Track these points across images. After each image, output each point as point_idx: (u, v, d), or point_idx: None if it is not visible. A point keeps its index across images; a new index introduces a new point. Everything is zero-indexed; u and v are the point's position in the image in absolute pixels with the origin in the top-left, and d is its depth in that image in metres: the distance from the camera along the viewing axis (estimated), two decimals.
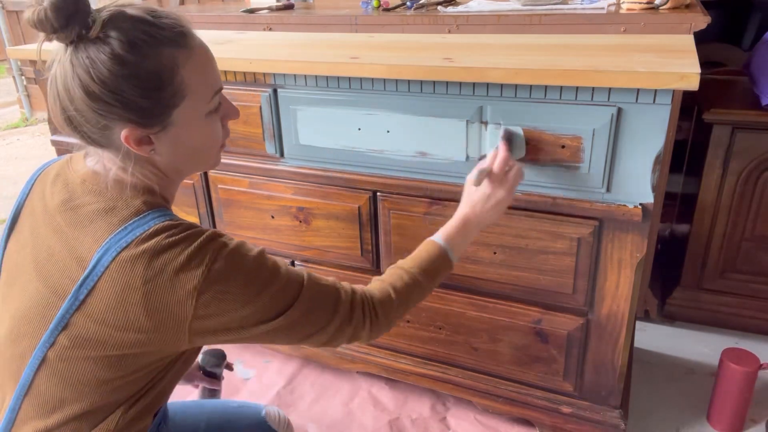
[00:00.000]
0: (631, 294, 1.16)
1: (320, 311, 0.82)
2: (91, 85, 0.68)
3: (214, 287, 0.72)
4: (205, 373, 1.22)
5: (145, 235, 0.71)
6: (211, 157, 0.83)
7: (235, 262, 0.74)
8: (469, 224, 1.00)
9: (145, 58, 0.69)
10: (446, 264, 0.96)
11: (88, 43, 0.68)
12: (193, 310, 0.71)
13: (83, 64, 0.67)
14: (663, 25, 1.29)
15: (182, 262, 0.71)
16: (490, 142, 1.14)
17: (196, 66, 0.74)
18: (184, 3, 2.61)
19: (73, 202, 0.76)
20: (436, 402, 1.55)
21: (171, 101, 0.72)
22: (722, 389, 1.40)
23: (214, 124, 0.79)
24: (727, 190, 1.59)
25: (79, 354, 0.73)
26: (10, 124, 4.30)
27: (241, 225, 1.50)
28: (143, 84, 0.70)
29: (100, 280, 0.70)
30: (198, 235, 0.74)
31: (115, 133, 0.72)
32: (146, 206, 0.75)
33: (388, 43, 1.38)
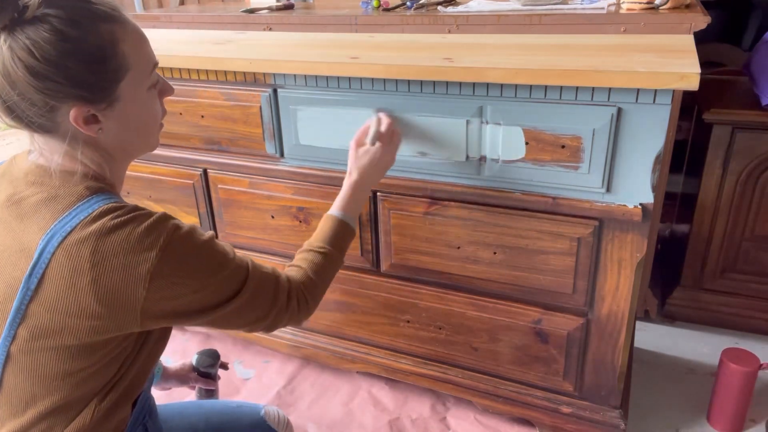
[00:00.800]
0: (631, 294, 1.16)
1: (263, 298, 0.85)
2: (36, 65, 0.67)
3: (167, 270, 0.72)
4: (200, 374, 1.22)
5: (89, 218, 0.71)
6: (153, 134, 0.84)
7: (189, 245, 0.75)
8: (360, 189, 1.07)
9: (87, 32, 0.69)
10: (350, 232, 1.03)
11: (25, 25, 0.67)
12: (145, 293, 0.71)
13: (23, 45, 0.66)
14: (663, 25, 1.28)
15: (132, 244, 0.70)
16: (490, 141, 1.14)
17: (134, 40, 0.75)
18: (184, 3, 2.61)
19: (17, 196, 0.75)
20: (436, 402, 1.55)
21: (115, 75, 0.73)
22: (722, 389, 1.40)
23: (154, 99, 0.81)
24: (727, 190, 1.59)
25: (40, 345, 0.72)
26: None
27: (241, 225, 1.50)
28: (88, 58, 0.70)
29: (48, 268, 0.70)
30: (147, 216, 0.73)
31: (61, 114, 0.71)
32: (89, 191, 0.74)
33: (388, 43, 1.38)
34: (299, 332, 1.60)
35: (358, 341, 1.53)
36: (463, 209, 1.22)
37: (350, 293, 1.45)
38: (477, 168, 1.17)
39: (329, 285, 0.99)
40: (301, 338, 1.59)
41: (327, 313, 1.52)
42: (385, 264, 1.37)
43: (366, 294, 1.43)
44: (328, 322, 1.53)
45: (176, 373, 1.22)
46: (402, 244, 1.32)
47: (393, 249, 1.34)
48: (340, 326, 1.52)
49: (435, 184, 1.23)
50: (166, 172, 1.53)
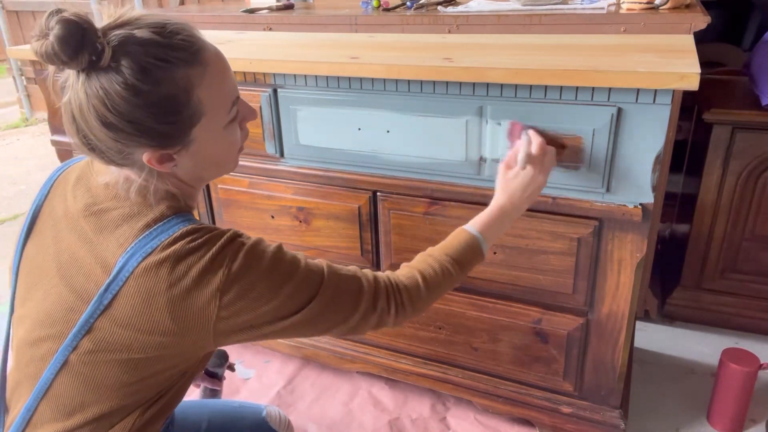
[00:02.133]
0: (631, 294, 1.16)
1: (343, 302, 0.81)
2: (108, 116, 0.67)
3: (235, 286, 0.72)
4: (207, 373, 1.23)
5: (169, 240, 0.72)
6: (230, 161, 0.83)
7: (253, 259, 0.75)
8: (506, 214, 0.97)
9: (160, 83, 0.67)
10: (477, 254, 0.93)
11: (100, 72, 0.66)
12: (216, 311, 0.72)
13: (97, 94, 0.66)
14: (663, 25, 1.29)
15: (204, 265, 0.71)
16: (490, 141, 1.14)
17: (212, 82, 0.72)
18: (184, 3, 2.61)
19: (96, 207, 0.76)
20: (436, 402, 1.55)
21: (189, 122, 0.72)
22: (722, 389, 1.40)
23: (233, 132, 0.79)
24: (727, 190, 1.59)
25: (103, 357, 0.73)
26: (10, 124, 4.30)
27: (241, 225, 1.50)
28: (160, 111, 0.68)
29: (125, 285, 0.71)
30: (219, 237, 0.74)
31: (135, 155, 0.72)
32: (170, 211, 0.76)
33: (388, 43, 1.38)
34: None
35: (358, 341, 1.53)
36: (463, 209, 1.22)
37: None
38: (477, 168, 1.17)
39: (437, 298, 0.92)
40: (302, 338, 1.59)
41: None
42: (385, 264, 1.37)
43: None
44: None
45: None
46: (402, 244, 1.32)
47: (393, 249, 1.34)
48: None
49: (435, 184, 1.23)
50: None
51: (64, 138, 1.62)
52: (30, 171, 3.38)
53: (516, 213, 0.99)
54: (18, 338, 0.80)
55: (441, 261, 0.90)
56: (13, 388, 0.81)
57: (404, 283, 0.87)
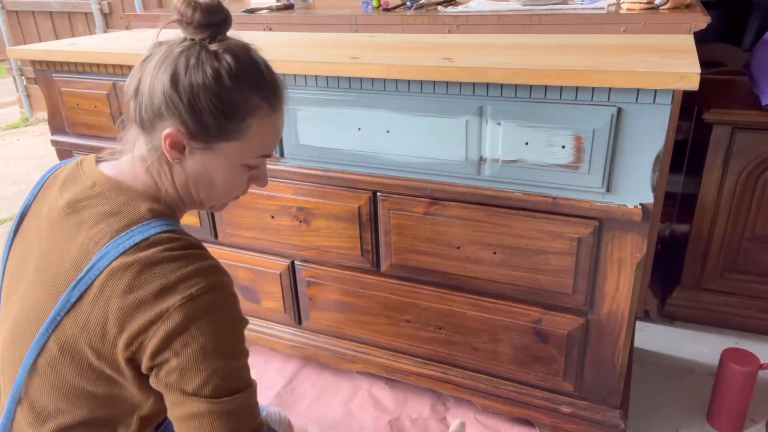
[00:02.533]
0: (631, 294, 1.16)
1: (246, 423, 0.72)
2: (181, 79, 0.71)
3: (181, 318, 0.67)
4: None
5: (144, 244, 0.70)
6: (219, 199, 0.83)
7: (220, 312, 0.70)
8: None
9: (237, 90, 0.73)
10: None
11: (204, 50, 0.72)
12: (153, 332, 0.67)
13: (187, 61, 0.71)
14: (663, 25, 1.29)
15: (172, 281, 0.68)
16: (490, 141, 1.14)
17: (267, 126, 0.77)
18: None
19: (78, 204, 0.75)
20: (436, 402, 1.55)
21: (227, 134, 0.74)
22: (722, 389, 1.40)
23: (242, 175, 0.81)
24: (727, 190, 1.59)
25: (66, 362, 0.71)
26: (10, 124, 4.30)
27: (241, 225, 1.50)
28: (219, 107, 0.72)
29: (92, 284, 0.69)
30: (199, 258, 0.71)
31: (162, 124, 0.73)
32: (151, 213, 0.74)
33: (388, 43, 1.38)
34: (299, 332, 1.60)
35: (358, 341, 1.53)
36: (463, 209, 1.22)
37: (350, 293, 1.45)
38: (477, 168, 1.17)
39: None
40: (301, 338, 1.59)
41: (327, 313, 1.52)
42: (385, 264, 1.37)
43: (366, 294, 1.43)
44: (328, 322, 1.53)
45: None
46: (402, 244, 1.32)
47: (393, 249, 1.34)
48: (340, 326, 1.52)
49: (435, 184, 1.23)
50: None
51: (64, 138, 1.62)
52: (30, 171, 3.38)
53: None
54: (2, 339, 0.79)
55: None
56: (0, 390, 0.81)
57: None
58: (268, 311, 1.59)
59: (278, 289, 1.54)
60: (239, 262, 1.55)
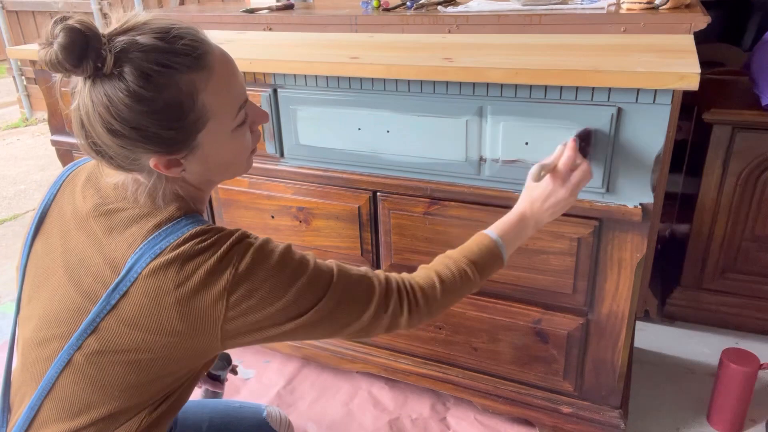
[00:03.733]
0: (631, 294, 1.16)
1: (353, 302, 0.80)
2: (113, 123, 0.67)
3: (243, 286, 0.72)
4: (210, 376, 1.22)
5: (178, 242, 0.72)
6: (241, 164, 0.82)
7: (261, 259, 0.74)
8: (526, 221, 0.95)
9: (163, 89, 0.67)
10: (497, 260, 0.91)
11: (104, 79, 0.66)
12: (224, 311, 0.72)
13: (102, 101, 0.66)
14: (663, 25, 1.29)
15: (212, 265, 0.71)
16: (490, 141, 1.14)
17: (218, 86, 0.72)
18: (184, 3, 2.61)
19: (106, 207, 0.76)
20: (436, 402, 1.55)
21: (194, 127, 0.71)
22: (722, 389, 1.40)
23: (242, 136, 0.78)
24: (727, 190, 1.59)
25: (110, 358, 0.73)
26: (10, 124, 4.30)
27: (241, 225, 1.50)
28: (164, 117, 0.68)
29: (133, 285, 0.71)
30: (227, 237, 0.74)
31: (142, 160, 0.72)
32: (179, 212, 0.76)
33: (388, 43, 1.38)
34: None
35: (358, 341, 1.53)
36: (463, 209, 1.22)
37: None
38: (477, 168, 1.17)
39: (454, 302, 0.89)
40: None
41: None
42: (385, 264, 1.37)
43: None
44: None
45: None
46: (402, 244, 1.32)
47: (393, 249, 1.34)
48: None
49: (435, 184, 1.23)
50: None
51: (64, 138, 1.62)
52: (30, 171, 3.38)
53: (536, 223, 0.96)
54: (24, 338, 0.80)
55: (459, 263, 0.88)
56: (18, 388, 0.81)
57: (419, 283, 0.85)
58: None
59: None
60: None
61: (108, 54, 0.65)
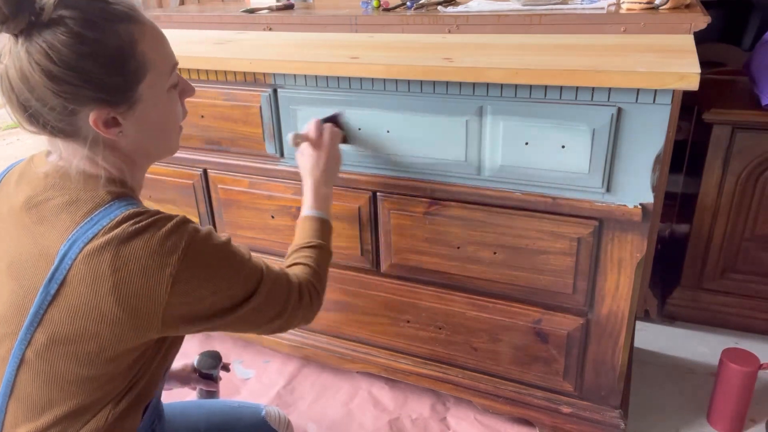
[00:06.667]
0: (631, 294, 1.16)
1: (278, 297, 0.86)
2: (54, 69, 0.66)
3: (188, 273, 0.72)
4: (201, 375, 1.22)
5: (111, 225, 0.70)
6: (173, 137, 0.84)
7: (209, 248, 0.75)
8: (319, 188, 1.11)
9: (105, 34, 0.68)
10: (328, 225, 1.08)
11: (42, 28, 0.65)
12: (167, 297, 0.71)
13: (40, 49, 0.65)
14: (663, 25, 1.28)
15: (154, 248, 0.70)
16: (490, 141, 1.14)
17: (153, 40, 0.74)
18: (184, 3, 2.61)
19: (36, 198, 0.75)
20: (436, 402, 1.55)
21: (135, 75, 0.72)
22: (722, 389, 1.40)
23: (175, 100, 0.80)
24: (727, 190, 1.59)
25: (58, 351, 0.72)
26: (10, 124, 4.30)
27: (241, 225, 1.50)
28: (107, 60, 0.69)
29: (68, 273, 0.70)
30: (167, 219, 0.73)
31: (81, 118, 0.71)
32: (111, 196, 0.74)
33: (388, 43, 1.38)
34: (299, 332, 1.60)
35: (358, 341, 1.53)
36: (463, 209, 1.22)
37: (350, 293, 1.45)
38: (477, 168, 1.17)
39: (327, 276, 1.03)
40: (301, 338, 1.59)
41: (327, 313, 1.52)
42: (385, 264, 1.37)
43: (366, 294, 1.43)
44: (328, 322, 1.53)
45: (177, 374, 1.22)
46: (402, 244, 1.32)
47: (393, 249, 1.34)
48: (340, 326, 1.52)
49: (435, 184, 1.23)
50: (166, 172, 1.53)
51: None
52: None
53: (327, 183, 1.13)
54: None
55: (311, 244, 1.02)
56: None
57: (305, 273, 0.96)
58: None
59: None
60: None
61: (46, 2, 0.66)
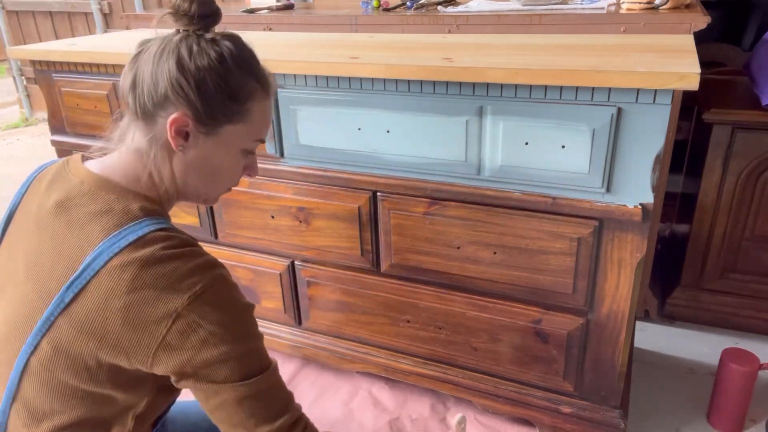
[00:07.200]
0: (631, 294, 1.16)
1: (277, 399, 0.76)
2: (187, 63, 0.73)
3: (195, 315, 0.69)
4: None
5: (139, 243, 0.69)
6: (217, 189, 0.85)
7: (226, 299, 0.72)
8: None
9: (240, 74, 0.76)
10: None
11: (200, 39, 0.74)
12: (164, 333, 0.68)
13: (189, 46, 0.73)
14: (663, 25, 1.29)
15: (172, 280, 0.68)
16: (490, 141, 1.14)
17: (263, 110, 0.80)
18: None
19: (67, 203, 0.74)
20: (436, 402, 1.55)
21: (232, 116, 0.77)
22: (722, 389, 1.40)
23: (240, 162, 0.82)
24: (727, 190, 1.59)
25: (61, 362, 0.71)
26: (10, 124, 4.30)
27: (241, 225, 1.50)
28: (225, 88, 0.75)
29: (88, 284, 0.68)
30: (196, 255, 0.71)
31: (165, 111, 0.74)
32: (143, 212, 0.73)
33: (388, 43, 1.38)
34: (299, 332, 1.60)
35: (358, 341, 1.53)
36: (463, 209, 1.22)
37: (350, 293, 1.45)
38: (477, 168, 1.17)
39: None
40: (301, 338, 1.59)
41: (327, 313, 1.52)
42: (385, 264, 1.37)
43: (366, 294, 1.44)
44: (328, 322, 1.53)
45: None
46: (402, 244, 1.32)
47: (393, 249, 1.34)
48: (340, 326, 1.52)
49: (435, 184, 1.23)
50: None
51: (65, 138, 1.62)
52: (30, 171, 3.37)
53: None
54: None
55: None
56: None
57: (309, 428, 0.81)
58: (268, 311, 1.59)
59: (278, 289, 1.54)
60: (239, 262, 1.55)
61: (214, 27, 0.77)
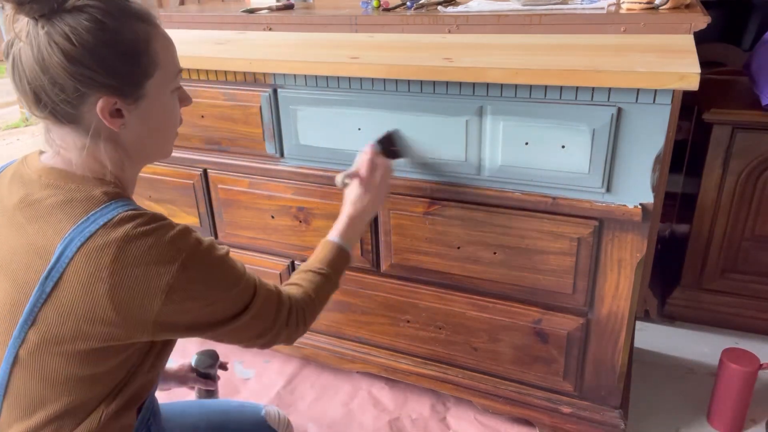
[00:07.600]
0: (631, 294, 1.16)
1: (267, 314, 0.86)
2: (73, 50, 0.68)
3: (185, 284, 0.73)
4: (199, 375, 1.22)
5: (110, 225, 0.70)
6: (170, 139, 0.85)
7: (208, 261, 0.76)
8: (355, 220, 1.09)
9: (124, 26, 0.71)
10: (346, 257, 1.06)
11: (64, 14, 0.68)
12: (160, 305, 0.71)
13: (62, 32, 0.68)
14: (663, 25, 1.28)
15: (155, 255, 0.70)
16: (490, 141, 1.14)
17: (164, 42, 0.77)
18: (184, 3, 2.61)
19: (30, 198, 0.75)
20: (436, 402, 1.55)
21: (146, 71, 0.74)
22: (722, 389, 1.40)
23: (176, 102, 0.82)
24: (727, 190, 1.59)
25: (51, 350, 0.72)
26: (10, 124, 4.30)
27: (241, 225, 1.50)
28: (123, 49, 0.71)
29: (65, 272, 0.70)
30: (170, 227, 0.73)
31: (88, 104, 0.72)
32: (107, 196, 0.74)
33: (388, 43, 1.38)
34: None
35: (358, 341, 1.53)
36: (463, 209, 1.22)
37: (350, 293, 1.45)
38: (477, 168, 1.17)
39: (325, 305, 1.01)
40: (302, 338, 1.59)
41: (327, 313, 1.52)
42: (385, 264, 1.37)
43: (366, 294, 1.44)
44: (328, 322, 1.53)
45: (175, 373, 1.22)
46: (402, 244, 1.32)
47: (393, 249, 1.34)
48: (340, 326, 1.52)
49: (435, 184, 1.23)
50: (167, 172, 1.54)
51: None
52: None
53: (364, 219, 1.11)
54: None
55: (319, 271, 1.00)
56: None
57: (299, 297, 0.94)
58: None
59: None
60: None
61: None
